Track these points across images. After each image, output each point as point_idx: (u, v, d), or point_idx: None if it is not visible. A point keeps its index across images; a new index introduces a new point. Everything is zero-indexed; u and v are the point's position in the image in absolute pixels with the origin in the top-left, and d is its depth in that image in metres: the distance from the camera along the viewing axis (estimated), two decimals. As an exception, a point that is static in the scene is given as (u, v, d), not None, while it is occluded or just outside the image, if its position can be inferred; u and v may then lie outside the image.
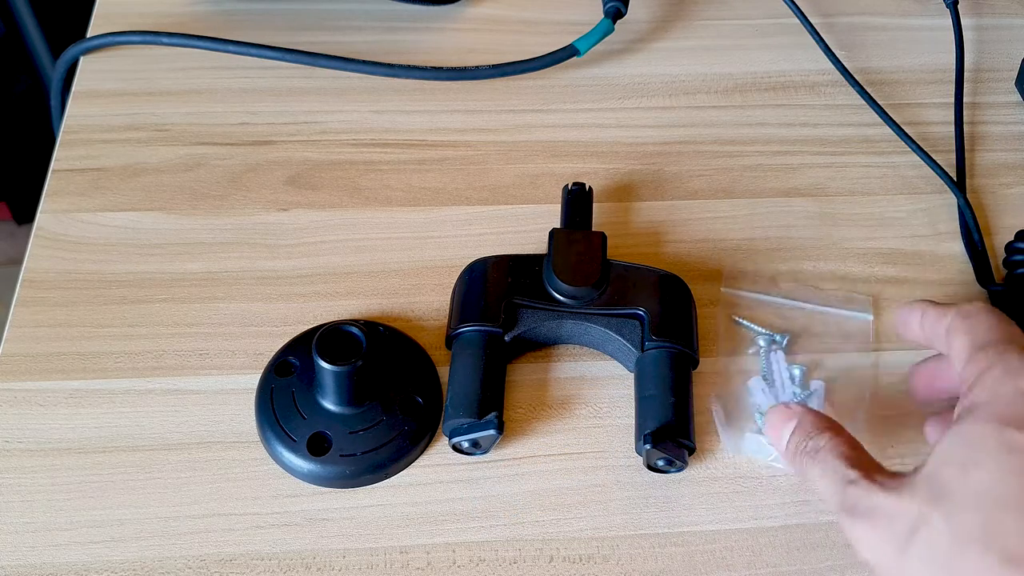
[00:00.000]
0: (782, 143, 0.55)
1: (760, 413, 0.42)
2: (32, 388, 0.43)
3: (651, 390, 0.42)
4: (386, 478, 0.41)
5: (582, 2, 0.61)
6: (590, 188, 0.48)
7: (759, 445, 0.42)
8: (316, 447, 0.40)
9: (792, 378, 0.43)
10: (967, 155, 0.55)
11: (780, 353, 0.44)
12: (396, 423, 0.41)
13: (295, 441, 0.40)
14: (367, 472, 0.40)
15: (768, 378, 0.43)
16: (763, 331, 0.44)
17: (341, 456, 0.40)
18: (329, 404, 0.41)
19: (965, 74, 0.58)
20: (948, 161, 0.54)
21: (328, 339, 0.40)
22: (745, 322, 0.45)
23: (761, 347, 0.44)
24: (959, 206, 0.52)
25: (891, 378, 0.45)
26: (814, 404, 0.43)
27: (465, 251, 0.48)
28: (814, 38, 0.59)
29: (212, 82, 0.55)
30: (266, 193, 0.50)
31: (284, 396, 0.42)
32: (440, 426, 0.42)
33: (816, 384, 0.44)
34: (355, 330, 0.40)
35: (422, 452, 0.42)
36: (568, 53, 0.56)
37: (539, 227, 0.50)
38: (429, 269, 0.48)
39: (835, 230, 0.51)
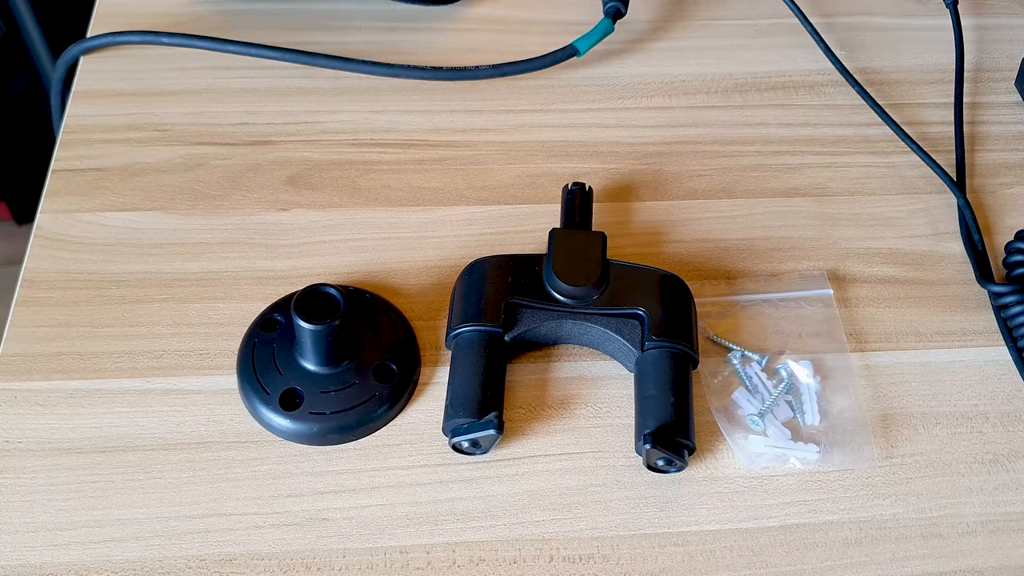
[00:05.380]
0: (782, 143, 0.55)
1: (752, 419, 0.42)
2: (32, 388, 0.43)
3: (651, 390, 0.42)
4: (354, 439, 0.42)
5: (582, 2, 0.61)
6: (590, 188, 0.48)
7: (761, 445, 0.42)
8: (288, 403, 0.41)
9: (767, 386, 0.44)
10: (967, 155, 0.55)
11: (754, 364, 0.44)
12: (369, 388, 0.42)
13: (269, 395, 0.42)
14: (335, 432, 0.41)
15: (749, 388, 0.44)
16: (735, 348, 0.45)
17: (311, 414, 0.41)
18: (306, 362, 0.42)
19: (965, 74, 0.58)
20: (948, 161, 0.54)
21: (310, 300, 0.41)
22: (719, 339, 0.45)
23: (735, 364, 0.44)
24: (959, 206, 0.52)
25: (885, 377, 0.45)
26: (806, 403, 0.43)
27: (465, 251, 0.48)
28: (814, 38, 0.59)
29: (212, 82, 0.55)
30: (266, 193, 0.50)
31: (265, 351, 0.43)
32: (412, 395, 0.43)
33: (812, 384, 0.44)
34: (334, 292, 0.41)
35: (392, 419, 0.42)
36: (568, 53, 0.56)
37: (539, 227, 0.50)
38: (429, 269, 0.48)
39: (835, 230, 0.51)
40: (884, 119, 0.55)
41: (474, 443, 0.41)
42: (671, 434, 0.40)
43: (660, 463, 0.41)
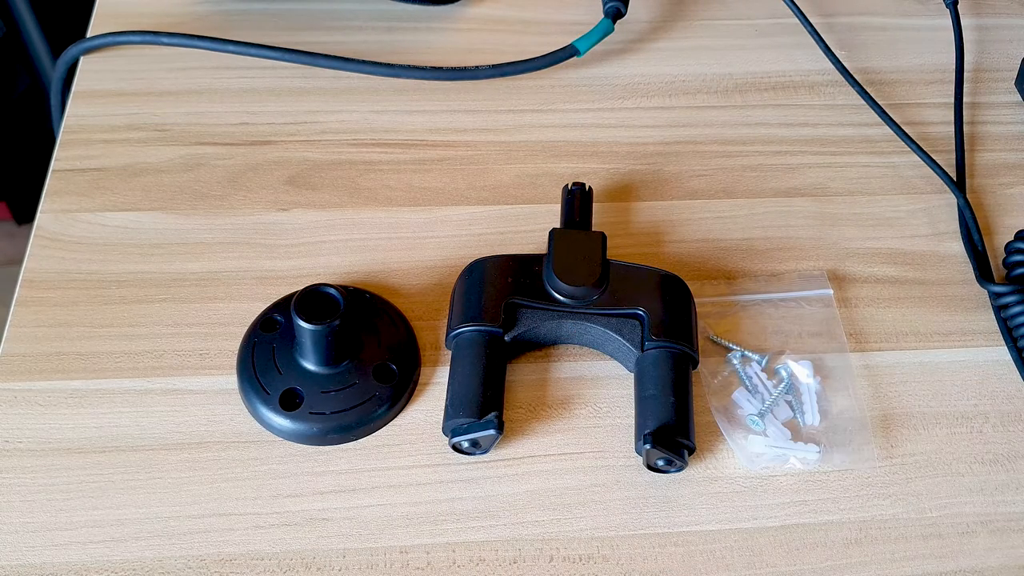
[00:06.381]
0: (782, 143, 0.55)
1: (752, 419, 0.42)
2: (32, 388, 0.43)
3: (651, 390, 0.42)
4: (354, 439, 0.42)
5: (582, 2, 0.61)
6: (590, 188, 0.48)
7: (761, 445, 0.42)
8: (288, 403, 0.42)
9: (767, 386, 0.44)
10: (967, 155, 0.55)
11: (755, 364, 0.44)
12: (368, 388, 0.42)
13: (269, 395, 0.42)
14: (335, 432, 0.41)
15: (749, 388, 0.44)
16: (735, 348, 0.45)
17: (311, 414, 0.41)
18: (306, 362, 0.42)
19: (965, 74, 0.58)
20: (948, 161, 0.54)
21: (309, 300, 0.41)
22: (719, 340, 0.45)
23: (735, 364, 0.44)
24: (959, 206, 0.52)
25: (885, 377, 0.45)
26: (806, 403, 0.43)
27: (465, 251, 0.48)
28: (814, 38, 0.59)
29: (212, 82, 0.55)
30: (266, 193, 0.50)
31: (265, 351, 0.43)
32: (412, 395, 0.43)
33: (812, 384, 0.44)
34: (334, 292, 0.41)
35: (391, 419, 0.43)
36: (568, 53, 0.56)
37: (539, 227, 0.50)
38: (429, 269, 0.48)
39: (835, 230, 0.51)
40: (884, 119, 0.55)
41: (474, 443, 0.41)
42: (671, 434, 0.40)
43: (660, 463, 0.41)
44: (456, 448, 0.41)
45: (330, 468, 0.41)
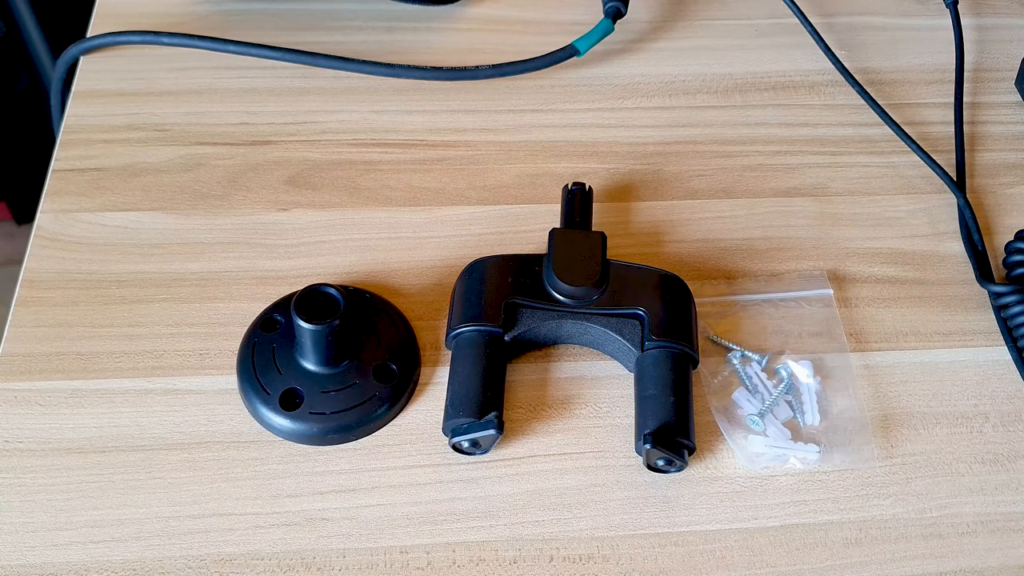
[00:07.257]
0: (782, 143, 0.55)
1: (752, 419, 0.42)
2: (32, 388, 0.43)
3: (651, 390, 0.42)
4: (354, 439, 0.42)
5: (582, 2, 0.61)
6: (590, 188, 0.48)
7: (761, 445, 0.42)
8: (288, 403, 0.42)
9: (768, 386, 0.44)
10: (967, 155, 0.55)
11: (755, 364, 0.44)
12: (369, 388, 0.42)
13: (269, 395, 0.42)
14: (335, 432, 0.41)
15: (749, 388, 0.44)
16: (735, 348, 0.45)
17: (311, 414, 0.41)
18: (306, 362, 0.42)
19: (965, 74, 0.58)
20: (948, 161, 0.54)
21: (310, 300, 0.41)
22: (719, 340, 0.45)
23: (735, 364, 0.44)
24: (959, 206, 0.52)
25: (885, 377, 0.45)
26: (806, 403, 0.43)
27: (465, 251, 0.48)
28: (814, 38, 0.59)
29: (212, 82, 0.55)
30: (266, 193, 0.50)
31: (265, 351, 0.43)
32: (412, 395, 0.43)
33: (812, 384, 0.44)
34: (334, 292, 0.41)
35: (391, 419, 0.43)
36: (568, 53, 0.56)
37: (539, 227, 0.50)
38: (429, 269, 0.48)
39: (835, 230, 0.51)
40: (884, 119, 0.55)
41: (474, 443, 0.41)
42: (671, 434, 0.40)
43: (660, 463, 0.41)
44: (456, 448, 0.41)
45: (330, 468, 0.41)
